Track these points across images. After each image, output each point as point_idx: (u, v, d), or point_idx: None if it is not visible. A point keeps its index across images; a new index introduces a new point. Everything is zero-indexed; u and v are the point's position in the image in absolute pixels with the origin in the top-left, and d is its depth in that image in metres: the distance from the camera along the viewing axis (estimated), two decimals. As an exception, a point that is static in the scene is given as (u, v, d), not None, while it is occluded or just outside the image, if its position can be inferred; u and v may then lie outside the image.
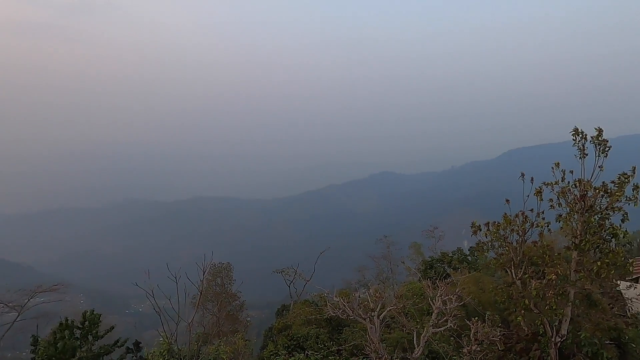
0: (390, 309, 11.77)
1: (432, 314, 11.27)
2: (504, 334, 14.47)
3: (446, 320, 10.91)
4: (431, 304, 11.71)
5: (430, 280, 14.40)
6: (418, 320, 13.28)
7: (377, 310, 10.74)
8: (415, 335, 11.16)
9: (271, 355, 15.22)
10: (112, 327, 16.69)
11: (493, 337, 10.37)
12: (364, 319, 10.54)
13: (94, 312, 16.34)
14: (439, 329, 11.06)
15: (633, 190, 13.58)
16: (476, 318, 11.04)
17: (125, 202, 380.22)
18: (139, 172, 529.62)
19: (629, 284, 21.25)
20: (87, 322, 15.90)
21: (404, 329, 13.51)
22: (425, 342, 10.76)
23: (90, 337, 16.29)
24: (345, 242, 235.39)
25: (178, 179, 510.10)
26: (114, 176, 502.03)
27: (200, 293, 10.85)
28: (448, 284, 13.16)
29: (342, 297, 13.79)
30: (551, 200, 14.08)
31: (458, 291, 12.37)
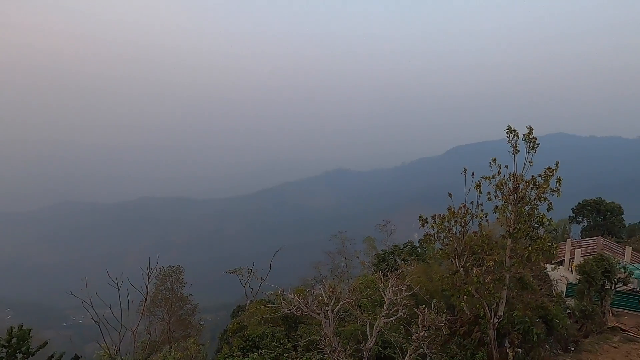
0: (343, 303, 12.03)
1: (384, 305, 11.70)
2: (449, 319, 15.46)
3: (397, 310, 11.38)
4: (383, 295, 12.15)
5: (382, 272, 14.93)
6: (371, 311, 13.73)
7: (331, 304, 10.90)
8: (368, 326, 11.53)
9: (225, 357, 14.83)
10: (46, 343, 15.14)
11: (438, 322, 11.03)
12: (318, 314, 10.67)
13: (23, 328, 14.71)
14: (390, 319, 11.52)
15: (556, 182, 15.16)
16: (424, 306, 11.67)
17: (60, 205, 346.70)
18: (76, 173, 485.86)
19: (553, 266, 23.77)
20: (13, 339, 14.27)
21: (358, 321, 13.89)
22: (378, 332, 11.15)
23: (19, 355, 14.69)
24: (301, 239, 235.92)
25: (121, 180, 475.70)
26: (47, 177, 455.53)
27: (145, 299, 10.21)
28: (398, 275, 13.73)
29: (297, 294, 13.82)
30: (489, 193, 15.27)
31: (407, 281, 12.97)
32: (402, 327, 13.08)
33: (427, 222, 15.76)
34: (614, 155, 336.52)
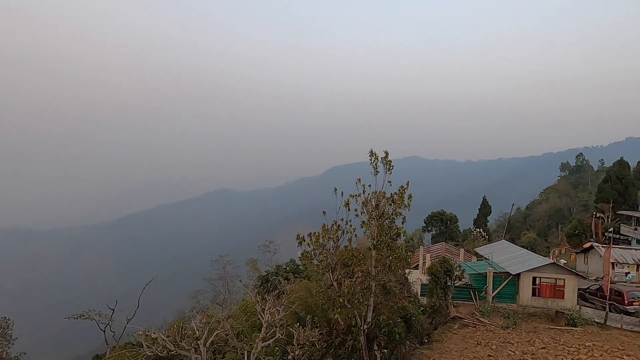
0: (218, 333, 11.35)
1: (262, 329, 11.53)
2: (326, 332, 16.24)
3: (274, 332, 11.35)
4: (261, 318, 11.98)
5: (259, 294, 14.77)
6: (249, 337, 13.33)
7: (204, 337, 10.13)
8: (246, 353, 11.13)
9: None
10: None
11: (312, 338, 11.45)
12: (188, 351, 9.75)
13: None
14: (268, 342, 11.40)
15: (408, 199, 17.89)
16: (298, 324, 11.95)
17: None
18: None
19: (409, 270, 27.67)
20: None
21: (237, 350, 13.29)
22: (255, 358, 10.86)
23: None
24: (179, 267, 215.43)
25: None
26: None
27: None
28: (277, 295, 13.79)
29: (170, 330, 12.39)
30: (356, 209, 16.98)
31: (285, 301, 13.12)
32: (277, 348, 13.09)
33: (304, 240, 16.48)
34: (450, 175, 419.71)
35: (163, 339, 9.82)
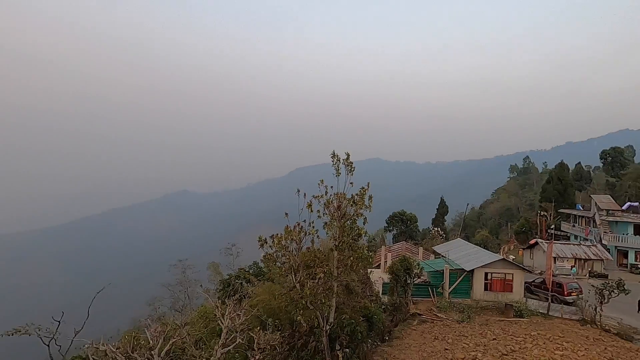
0: (174, 342, 10.88)
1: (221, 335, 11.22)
2: (289, 334, 16.15)
3: (235, 337, 11.09)
4: (221, 323, 11.67)
5: (221, 299, 14.39)
6: (208, 344, 12.91)
7: (158, 347, 9.67)
8: (205, 361, 10.79)
9: None
10: None
11: (273, 342, 11.34)
12: (141, 362, 9.26)
13: None
14: (228, 348, 11.12)
15: (369, 200, 18.26)
16: (258, 328, 11.78)
17: None
18: None
19: (371, 270, 28.36)
20: None
21: (195, 358, 12.82)
22: (214, 365, 10.55)
23: None
24: (135, 274, 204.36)
25: None
26: None
27: None
28: (238, 299, 13.49)
29: (123, 340, 11.68)
30: (319, 211, 17.07)
31: (245, 305, 12.86)
32: (237, 354, 12.82)
33: (266, 243, 16.30)
34: (410, 176, 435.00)
35: (112, 351, 9.24)
